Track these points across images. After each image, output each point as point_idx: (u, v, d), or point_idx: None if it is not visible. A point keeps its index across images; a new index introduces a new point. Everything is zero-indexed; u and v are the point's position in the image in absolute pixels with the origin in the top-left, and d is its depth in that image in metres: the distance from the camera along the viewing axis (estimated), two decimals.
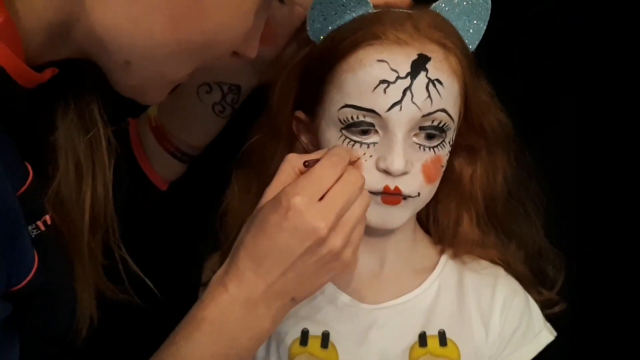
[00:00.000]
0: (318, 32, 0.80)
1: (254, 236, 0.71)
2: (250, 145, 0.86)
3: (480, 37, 0.81)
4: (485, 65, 0.84)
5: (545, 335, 0.87)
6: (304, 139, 0.84)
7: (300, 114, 0.83)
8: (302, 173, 0.73)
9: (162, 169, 0.94)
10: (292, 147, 0.85)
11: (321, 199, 0.70)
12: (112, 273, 0.79)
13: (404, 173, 0.76)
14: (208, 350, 0.71)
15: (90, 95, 0.70)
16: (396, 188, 0.77)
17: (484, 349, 0.85)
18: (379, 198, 0.77)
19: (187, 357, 0.71)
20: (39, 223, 0.64)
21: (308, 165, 0.74)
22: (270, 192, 0.73)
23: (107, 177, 0.72)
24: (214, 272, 0.89)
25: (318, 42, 0.80)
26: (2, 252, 0.56)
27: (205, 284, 0.91)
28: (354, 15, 0.78)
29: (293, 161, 0.74)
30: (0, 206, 0.56)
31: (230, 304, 0.71)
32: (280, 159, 0.83)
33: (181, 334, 0.72)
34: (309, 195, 0.69)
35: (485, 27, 0.81)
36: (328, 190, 0.70)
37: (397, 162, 0.75)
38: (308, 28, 0.79)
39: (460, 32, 0.80)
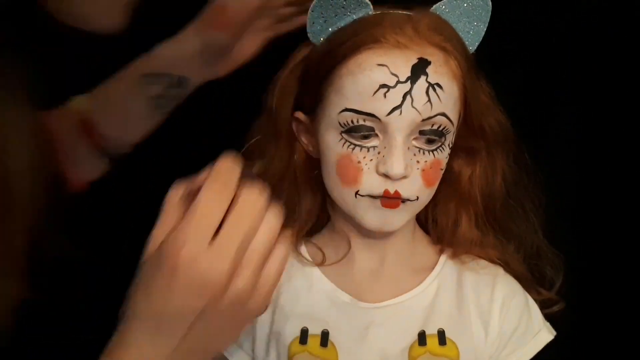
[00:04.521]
0: (318, 33, 0.80)
1: (144, 299, 0.59)
2: (250, 146, 0.86)
3: (480, 38, 0.82)
4: (483, 65, 0.84)
5: (545, 334, 0.87)
6: (304, 139, 0.85)
7: (299, 115, 0.83)
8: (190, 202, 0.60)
9: (82, 167, 0.86)
10: (292, 147, 0.85)
11: (214, 236, 0.58)
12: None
13: (404, 177, 0.76)
14: None
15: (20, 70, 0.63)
16: (396, 192, 0.77)
17: (483, 348, 0.85)
18: (378, 202, 0.77)
19: None
20: None
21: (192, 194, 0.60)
22: (154, 241, 0.60)
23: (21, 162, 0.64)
24: None
25: (318, 43, 0.80)
26: None
27: None
28: (354, 17, 0.78)
29: (176, 194, 0.62)
30: None
31: None
32: (281, 160, 0.83)
33: None
34: (196, 241, 0.57)
35: (485, 29, 0.81)
36: (220, 225, 0.58)
37: (396, 167, 0.75)
38: (308, 30, 0.80)
39: (460, 33, 0.80)
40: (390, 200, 0.77)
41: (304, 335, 0.83)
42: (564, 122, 1.18)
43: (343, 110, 0.76)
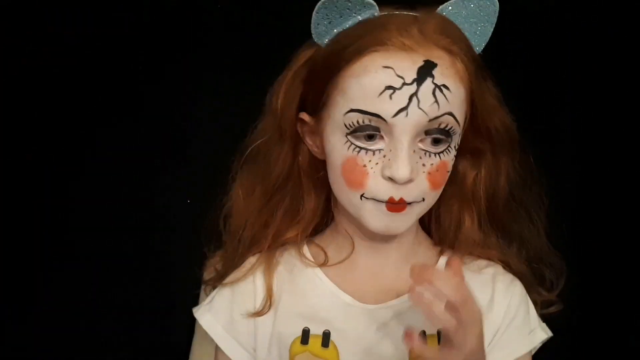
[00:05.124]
0: (322, 35, 0.79)
1: None
2: (254, 147, 0.86)
3: (487, 39, 0.81)
4: (487, 65, 0.84)
5: (540, 333, 0.87)
6: (308, 140, 0.84)
7: (304, 116, 0.82)
8: None
9: None
10: (297, 148, 0.85)
11: None
12: None
13: (410, 180, 0.75)
14: None
15: None
16: (401, 199, 0.76)
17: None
18: (383, 206, 0.77)
19: None
20: None
21: None
22: None
23: None
24: (217, 270, 0.90)
25: (323, 44, 0.80)
26: None
27: (207, 282, 0.93)
28: (360, 18, 0.78)
29: None
30: None
31: None
32: (285, 161, 0.82)
33: None
34: None
35: (492, 29, 0.80)
36: None
37: (402, 171, 0.74)
38: (312, 31, 0.79)
39: (466, 34, 0.79)
40: (396, 205, 0.77)
41: (305, 336, 0.83)
42: (564, 123, 1.19)
43: (349, 111, 0.76)
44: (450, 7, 0.79)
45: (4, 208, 1.25)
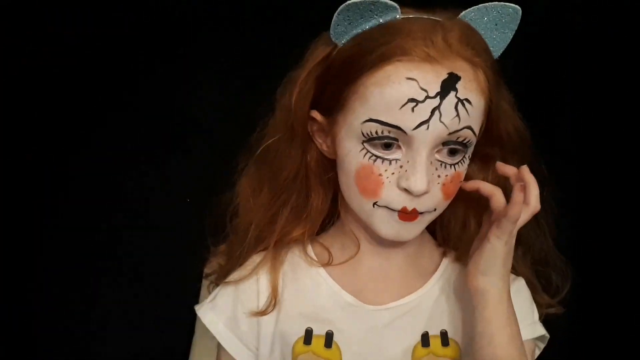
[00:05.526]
0: (341, 34, 0.77)
1: None
2: (266, 146, 0.84)
3: (506, 45, 0.79)
4: None
5: (541, 329, 0.87)
6: (318, 139, 0.83)
7: (316, 115, 0.81)
8: None
9: None
10: (306, 147, 0.83)
11: None
12: None
13: (425, 192, 0.75)
14: None
15: None
16: (414, 209, 0.76)
17: None
18: (395, 215, 0.77)
19: None
20: None
21: None
22: None
23: None
24: (220, 264, 0.90)
25: (340, 44, 0.77)
26: None
27: (208, 275, 0.92)
28: (381, 20, 0.75)
29: None
30: None
31: None
32: (294, 159, 0.81)
33: None
34: None
35: (512, 36, 0.79)
36: None
37: (420, 183, 0.74)
38: (331, 31, 0.76)
39: (486, 40, 0.78)
40: (408, 214, 0.77)
41: (308, 336, 0.83)
42: (564, 123, 1.19)
43: (367, 121, 0.74)
44: (472, 13, 0.77)
45: (4, 208, 1.25)
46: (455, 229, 0.87)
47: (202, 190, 0.93)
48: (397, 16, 0.75)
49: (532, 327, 0.86)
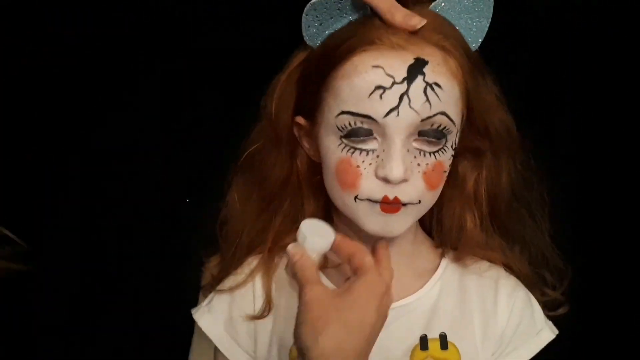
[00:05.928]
0: (314, 37, 0.78)
1: None
2: (250, 152, 0.85)
3: (484, 35, 0.79)
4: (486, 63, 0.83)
5: (547, 333, 0.87)
6: (305, 144, 0.83)
7: (300, 120, 0.82)
8: None
9: None
10: (294, 153, 0.84)
11: None
12: None
13: (404, 180, 0.75)
14: None
15: None
16: (395, 198, 0.75)
17: (485, 351, 0.85)
18: (377, 207, 0.76)
19: None
20: None
21: None
22: None
23: None
24: (213, 275, 0.90)
25: (315, 46, 0.79)
26: None
27: (205, 287, 0.93)
28: (351, 18, 0.77)
29: None
30: None
31: None
32: (283, 166, 0.82)
33: None
34: None
35: (488, 25, 0.79)
36: None
37: (395, 170, 0.74)
38: (304, 33, 0.78)
39: (461, 30, 0.78)
40: (390, 205, 0.76)
41: None
42: (564, 123, 1.18)
43: (340, 114, 0.75)
44: (443, 4, 0.77)
45: (4, 208, 1.25)
46: (453, 229, 0.87)
47: (202, 190, 0.93)
48: (366, 13, 0.76)
49: (537, 339, 0.87)
